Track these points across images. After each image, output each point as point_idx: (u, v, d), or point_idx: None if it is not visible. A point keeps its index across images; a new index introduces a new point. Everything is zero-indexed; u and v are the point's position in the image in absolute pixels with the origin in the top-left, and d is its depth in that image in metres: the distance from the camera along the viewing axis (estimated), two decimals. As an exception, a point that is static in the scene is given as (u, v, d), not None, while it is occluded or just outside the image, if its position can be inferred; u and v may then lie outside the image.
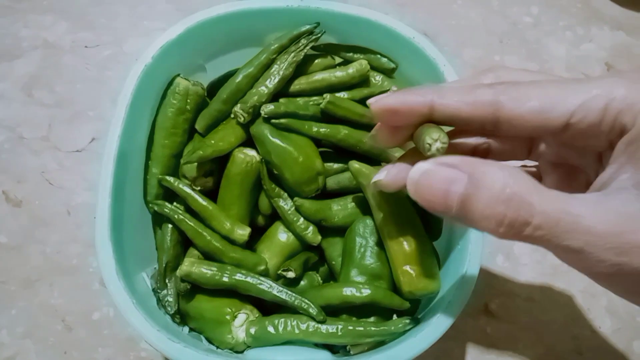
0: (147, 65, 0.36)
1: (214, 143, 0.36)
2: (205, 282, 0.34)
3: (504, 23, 0.61)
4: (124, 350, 0.44)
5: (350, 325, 0.32)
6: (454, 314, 0.30)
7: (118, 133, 0.34)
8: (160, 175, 0.37)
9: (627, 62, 0.59)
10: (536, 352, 0.46)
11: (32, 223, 0.49)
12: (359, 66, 0.39)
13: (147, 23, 0.59)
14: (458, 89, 0.23)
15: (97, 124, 0.53)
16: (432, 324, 0.30)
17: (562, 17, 0.61)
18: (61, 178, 0.51)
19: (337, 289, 0.34)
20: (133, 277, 0.34)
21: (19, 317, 0.45)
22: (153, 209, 0.37)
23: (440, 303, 0.31)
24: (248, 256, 0.37)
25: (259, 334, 0.33)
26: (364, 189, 0.36)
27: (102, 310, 0.46)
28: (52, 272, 0.47)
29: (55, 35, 0.58)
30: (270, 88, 0.37)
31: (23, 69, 0.56)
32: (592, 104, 0.20)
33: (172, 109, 0.37)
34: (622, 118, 0.20)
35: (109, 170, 0.33)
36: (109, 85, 0.55)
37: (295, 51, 0.38)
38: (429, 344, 0.29)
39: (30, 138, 0.52)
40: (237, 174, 0.37)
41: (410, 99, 0.23)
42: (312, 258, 0.39)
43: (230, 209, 0.38)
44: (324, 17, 0.38)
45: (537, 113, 0.21)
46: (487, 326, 0.46)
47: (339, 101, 0.38)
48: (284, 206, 0.38)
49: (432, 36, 0.59)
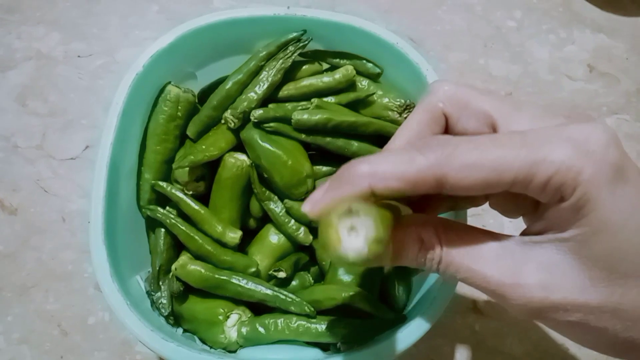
0: (138, 74, 0.37)
1: (205, 148, 0.37)
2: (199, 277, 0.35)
3: (488, 27, 0.62)
4: (119, 354, 0.45)
5: (339, 324, 0.33)
6: (439, 309, 0.31)
7: (110, 140, 0.35)
8: (152, 180, 0.38)
9: (608, 63, 0.61)
10: (524, 348, 0.47)
11: (27, 230, 0.49)
12: (345, 71, 0.40)
13: (138, 32, 0.60)
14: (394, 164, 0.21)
15: (90, 132, 0.54)
16: (418, 320, 0.31)
17: (544, 20, 0.63)
18: (56, 186, 0.51)
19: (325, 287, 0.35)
20: (127, 280, 0.34)
21: (15, 323, 0.46)
22: (146, 213, 0.38)
23: (425, 299, 0.32)
24: (239, 258, 0.37)
25: (250, 335, 0.34)
26: None
27: (97, 314, 0.46)
28: (47, 278, 0.47)
29: (48, 46, 0.58)
30: (259, 94, 0.38)
31: (17, 80, 0.56)
32: (537, 174, 0.20)
33: (164, 115, 0.38)
34: (564, 189, 0.20)
35: (101, 176, 0.34)
36: (102, 94, 0.56)
37: (283, 58, 0.39)
38: (416, 338, 0.30)
39: (24, 147, 0.53)
40: (228, 178, 0.38)
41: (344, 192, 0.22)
42: (303, 258, 0.40)
43: (222, 213, 0.38)
44: (310, 25, 0.39)
45: (482, 184, 0.21)
46: (475, 323, 0.47)
47: (326, 106, 0.39)
48: (275, 209, 0.39)
49: (417, 41, 0.60)
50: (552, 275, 0.21)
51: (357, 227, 0.19)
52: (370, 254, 0.19)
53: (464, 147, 0.21)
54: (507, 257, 0.22)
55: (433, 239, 0.23)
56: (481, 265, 0.22)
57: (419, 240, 0.23)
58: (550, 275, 0.21)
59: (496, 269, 0.22)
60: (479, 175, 0.20)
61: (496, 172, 0.20)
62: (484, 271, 0.22)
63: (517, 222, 0.51)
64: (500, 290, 0.22)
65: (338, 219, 0.19)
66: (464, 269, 0.23)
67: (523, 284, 0.21)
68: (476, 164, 0.20)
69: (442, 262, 0.23)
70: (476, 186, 0.21)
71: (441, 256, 0.23)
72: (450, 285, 0.32)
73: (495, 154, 0.20)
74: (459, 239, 0.23)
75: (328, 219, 0.20)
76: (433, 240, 0.23)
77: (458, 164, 0.20)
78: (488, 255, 0.22)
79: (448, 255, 0.23)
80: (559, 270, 0.21)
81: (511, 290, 0.22)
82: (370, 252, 0.19)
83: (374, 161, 0.22)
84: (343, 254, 0.19)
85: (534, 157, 0.20)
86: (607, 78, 0.60)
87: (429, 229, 0.24)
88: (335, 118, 0.37)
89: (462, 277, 0.23)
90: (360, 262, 0.19)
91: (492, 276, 0.22)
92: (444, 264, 0.23)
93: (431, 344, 0.46)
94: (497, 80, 0.59)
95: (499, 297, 0.22)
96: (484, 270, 0.22)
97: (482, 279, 0.22)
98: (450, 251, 0.23)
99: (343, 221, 0.19)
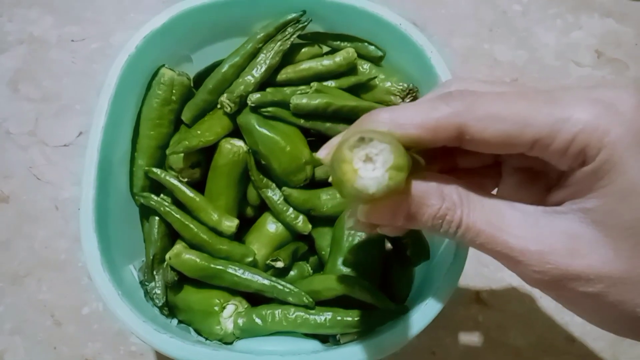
0: (130, 56, 0.35)
1: (200, 133, 0.36)
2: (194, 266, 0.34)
3: (493, 12, 0.61)
4: (114, 345, 0.44)
5: (338, 315, 0.32)
6: (442, 300, 0.30)
7: (102, 124, 0.34)
8: (146, 167, 0.37)
9: (616, 49, 0.59)
10: (528, 340, 0.46)
11: (20, 218, 0.48)
12: (346, 54, 0.39)
13: (134, 16, 0.58)
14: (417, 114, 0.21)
15: (84, 118, 0.53)
16: (420, 311, 0.30)
17: (551, 5, 0.61)
18: (49, 173, 0.50)
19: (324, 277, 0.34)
20: (120, 269, 0.33)
21: (7, 313, 0.45)
22: (140, 201, 0.37)
23: (428, 289, 0.31)
24: (236, 248, 0.36)
25: (247, 326, 0.33)
26: None
27: (91, 305, 0.45)
28: (40, 268, 0.46)
29: (41, 29, 0.57)
30: (256, 77, 0.37)
31: (8, 64, 0.55)
32: (560, 133, 0.19)
33: (158, 99, 0.37)
34: (588, 151, 0.19)
35: (92, 161, 0.33)
36: (96, 79, 0.55)
37: (282, 40, 0.38)
38: (418, 330, 0.29)
39: (16, 133, 0.52)
40: (224, 164, 0.37)
41: None
42: (302, 248, 0.39)
43: (218, 201, 0.37)
44: (310, 5, 0.38)
45: (503, 137, 0.20)
46: (478, 315, 0.46)
47: (326, 90, 0.37)
48: (273, 196, 0.38)
49: (421, 25, 0.58)
50: (578, 243, 0.20)
51: (372, 156, 0.17)
52: (392, 182, 0.17)
53: (488, 97, 0.20)
54: (531, 224, 0.21)
55: (455, 197, 0.22)
56: (503, 231, 0.21)
57: (441, 196, 0.22)
58: (575, 244, 0.20)
59: (520, 235, 0.21)
60: (501, 127, 0.20)
61: (518, 126, 0.20)
62: (506, 237, 0.21)
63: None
64: (523, 257, 0.21)
65: (351, 150, 0.18)
66: (485, 235, 0.21)
67: (548, 250, 0.20)
68: (499, 114, 0.20)
69: (462, 224, 0.21)
70: (497, 139, 0.20)
71: (461, 218, 0.21)
72: (453, 276, 0.31)
73: (519, 106, 0.20)
74: (480, 203, 0.22)
75: (340, 153, 0.18)
76: (455, 198, 0.22)
77: (481, 113, 0.20)
78: (511, 221, 0.21)
79: (469, 218, 0.21)
80: (584, 239, 0.20)
81: (535, 257, 0.20)
82: (392, 180, 0.17)
83: (395, 109, 0.21)
84: (362, 188, 0.17)
85: (559, 115, 0.19)
86: (615, 64, 0.58)
87: (452, 186, 0.22)
88: (335, 103, 0.36)
89: (481, 242, 0.21)
90: (382, 193, 0.17)
91: (515, 242, 0.21)
92: (464, 227, 0.21)
93: (433, 336, 0.45)
94: (503, 65, 0.58)
95: (518, 265, 0.21)
96: (506, 237, 0.21)
97: (503, 244, 0.21)
98: (472, 214, 0.21)
99: (357, 152, 0.17)
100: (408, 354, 0.44)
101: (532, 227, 0.21)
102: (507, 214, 0.21)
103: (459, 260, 0.31)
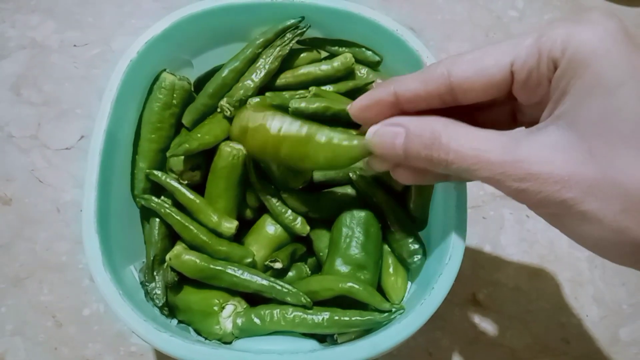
0: (132, 61, 0.36)
1: (200, 136, 0.37)
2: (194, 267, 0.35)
3: (489, 17, 0.61)
4: (114, 346, 0.44)
5: (336, 315, 0.33)
6: (438, 300, 0.30)
7: (104, 128, 0.34)
8: (147, 169, 0.38)
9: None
10: (524, 341, 0.46)
11: (22, 221, 0.49)
12: (344, 59, 0.40)
13: (134, 21, 0.59)
14: (414, 74, 0.26)
15: (85, 121, 0.53)
16: (416, 311, 0.30)
17: (546, 10, 0.62)
18: (50, 176, 0.51)
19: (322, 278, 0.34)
20: (121, 270, 0.34)
21: (9, 314, 0.45)
22: (140, 203, 0.37)
23: (424, 290, 0.32)
24: (235, 249, 0.37)
25: (246, 326, 0.34)
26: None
27: (92, 306, 0.46)
28: (41, 270, 0.47)
29: (43, 34, 0.58)
30: (256, 82, 0.38)
31: (11, 69, 0.56)
32: (526, 49, 0.22)
33: (159, 103, 0.38)
34: (553, 54, 0.21)
35: (94, 164, 0.33)
36: (97, 84, 0.55)
37: (281, 45, 0.38)
38: (414, 330, 0.30)
39: (18, 136, 0.52)
40: (223, 167, 0.37)
41: (377, 94, 0.27)
42: (300, 249, 0.39)
43: (217, 203, 0.38)
44: (308, 11, 0.39)
45: (481, 70, 0.23)
46: (474, 316, 0.47)
47: (324, 94, 0.38)
48: (271, 199, 0.38)
49: (417, 31, 0.59)
50: (554, 151, 0.21)
51: None
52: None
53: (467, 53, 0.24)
54: (512, 142, 0.23)
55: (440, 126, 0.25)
56: (486, 150, 0.23)
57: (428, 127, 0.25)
58: (552, 152, 0.21)
59: (501, 151, 0.22)
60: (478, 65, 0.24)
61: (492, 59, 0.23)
62: (489, 155, 0.23)
63: (518, 215, 0.51)
64: (502, 168, 0.22)
65: None
66: (470, 156, 0.23)
67: (524, 160, 0.22)
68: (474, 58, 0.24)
69: (451, 150, 0.24)
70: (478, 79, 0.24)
71: (449, 144, 0.24)
72: (449, 276, 0.31)
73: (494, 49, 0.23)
74: (465, 130, 0.24)
75: None
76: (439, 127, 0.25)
77: (461, 61, 0.24)
78: (494, 143, 0.23)
79: (456, 143, 0.24)
80: (560, 145, 0.21)
81: (514, 168, 0.22)
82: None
83: (400, 76, 0.27)
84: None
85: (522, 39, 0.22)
86: (609, 69, 0.59)
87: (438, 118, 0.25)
88: (333, 107, 0.37)
89: (468, 165, 0.23)
90: None
91: (496, 158, 0.22)
92: (452, 154, 0.24)
93: (429, 337, 0.45)
94: (498, 70, 0.58)
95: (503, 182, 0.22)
96: (489, 155, 0.23)
97: (486, 162, 0.23)
98: (459, 140, 0.24)
99: None
100: (405, 354, 0.44)
101: (513, 143, 0.22)
102: (490, 137, 0.23)
103: (454, 261, 0.32)
